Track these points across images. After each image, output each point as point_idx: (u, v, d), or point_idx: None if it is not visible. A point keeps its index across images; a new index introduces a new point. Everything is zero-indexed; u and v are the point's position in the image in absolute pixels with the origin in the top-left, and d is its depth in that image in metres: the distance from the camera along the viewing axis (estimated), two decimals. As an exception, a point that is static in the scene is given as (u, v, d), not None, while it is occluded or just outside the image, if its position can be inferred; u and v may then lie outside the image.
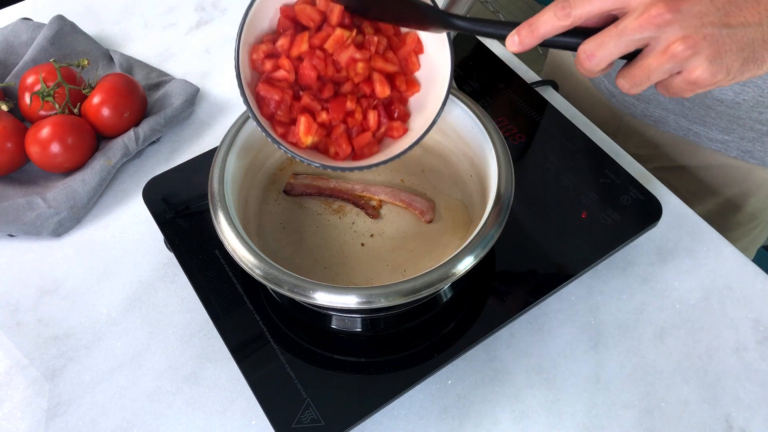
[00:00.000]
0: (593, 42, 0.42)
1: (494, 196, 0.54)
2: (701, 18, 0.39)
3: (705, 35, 0.39)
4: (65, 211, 0.68)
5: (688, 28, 0.39)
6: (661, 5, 0.39)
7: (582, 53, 0.42)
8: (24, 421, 0.57)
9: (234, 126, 0.58)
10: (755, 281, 0.64)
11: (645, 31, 0.40)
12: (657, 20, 0.39)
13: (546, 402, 0.57)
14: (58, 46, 0.83)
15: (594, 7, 0.41)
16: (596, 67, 0.42)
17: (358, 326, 0.58)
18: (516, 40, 0.44)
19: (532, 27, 0.43)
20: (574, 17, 0.42)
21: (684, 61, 0.40)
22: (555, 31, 0.43)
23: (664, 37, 0.40)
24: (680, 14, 0.39)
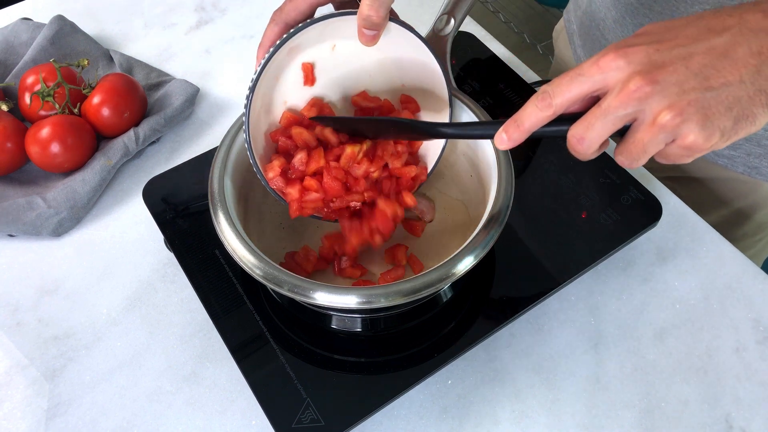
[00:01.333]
0: (580, 126, 0.42)
1: (494, 197, 0.54)
2: (681, 85, 0.39)
3: (689, 101, 0.39)
4: (65, 211, 0.68)
5: (670, 96, 0.39)
6: (639, 79, 0.39)
7: (572, 138, 0.42)
8: (24, 421, 0.57)
9: (234, 126, 0.58)
10: (755, 281, 0.64)
11: (628, 106, 0.40)
12: (637, 94, 0.39)
13: (546, 402, 0.57)
14: (58, 46, 0.83)
15: (573, 94, 0.41)
16: (589, 149, 0.42)
17: (358, 326, 0.58)
18: (504, 138, 0.45)
19: (518, 122, 0.44)
20: (556, 106, 0.42)
21: (675, 129, 0.39)
22: (540, 123, 0.43)
23: (649, 110, 0.39)
24: (659, 85, 0.39)
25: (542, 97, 0.42)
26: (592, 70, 0.41)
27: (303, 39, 0.52)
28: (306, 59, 0.55)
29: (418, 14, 0.90)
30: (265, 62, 0.51)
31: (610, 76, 0.40)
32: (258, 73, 0.51)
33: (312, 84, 0.57)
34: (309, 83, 0.57)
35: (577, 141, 0.42)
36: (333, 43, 0.55)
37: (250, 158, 0.53)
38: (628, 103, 0.40)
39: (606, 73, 0.40)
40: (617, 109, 0.40)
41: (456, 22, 0.64)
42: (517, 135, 0.44)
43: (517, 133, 0.44)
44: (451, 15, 0.64)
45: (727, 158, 0.74)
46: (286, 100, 0.57)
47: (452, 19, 0.64)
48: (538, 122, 0.43)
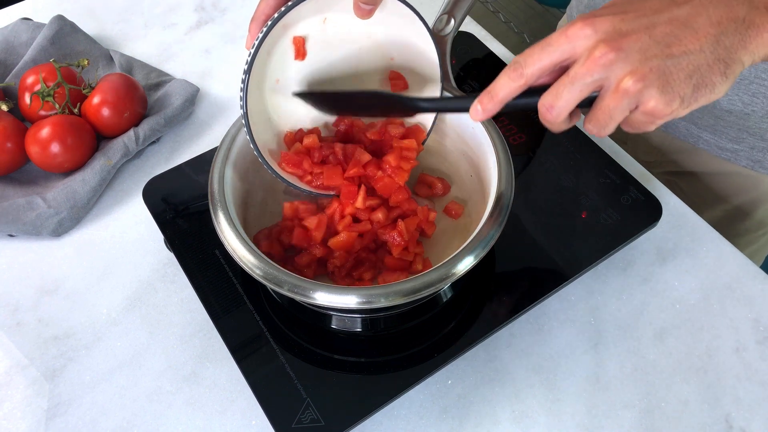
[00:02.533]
0: (549, 94, 0.43)
1: (494, 196, 0.54)
2: (644, 52, 0.40)
3: (651, 67, 0.40)
4: (65, 211, 0.68)
5: (633, 62, 0.40)
6: (603, 46, 0.40)
7: (542, 107, 0.44)
8: (24, 421, 0.57)
9: (234, 126, 0.58)
10: (755, 281, 0.64)
11: (594, 73, 0.41)
12: (602, 60, 0.40)
13: (546, 402, 0.57)
14: (58, 46, 0.83)
15: (543, 63, 0.43)
16: (557, 117, 0.43)
17: (358, 326, 0.58)
18: (479, 109, 0.46)
19: (491, 93, 0.45)
20: (527, 76, 0.43)
21: (637, 95, 0.41)
22: (513, 93, 0.44)
23: (613, 76, 0.41)
24: (623, 52, 0.40)
25: (514, 67, 0.44)
26: (560, 40, 0.42)
27: (296, 12, 0.51)
28: (297, 33, 0.55)
29: (418, 14, 0.90)
30: (262, 38, 0.50)
31: (578, 45, 0.42)
32: (255, 50, 0.51)
33: (303, 58, 0.57)
34: (300, 57, 0.57)
35: (546, 109, 0.43)
36: (324, 17, 0.55)
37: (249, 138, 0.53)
38: (593, 70, 0.41)
39: (574, 42, 0.42)
40: (584, 76, 0.41)
41: (456, 22, 0.64)
42: (491, 106, 0.46)
43: (491, 104, 0.45)
44: (451, 15, 0.64)
45: (731, 152, 0.74)
46: (278, 78, 0.57)
47: (452, 19, 0.64)
48: (511, 93, 0.44)
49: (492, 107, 0.46)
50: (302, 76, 0.58)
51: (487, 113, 0.46)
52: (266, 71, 0.56)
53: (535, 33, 2.11)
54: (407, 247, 0.56)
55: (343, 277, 0.56)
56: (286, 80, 0.58)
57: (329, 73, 0.59)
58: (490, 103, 0.46)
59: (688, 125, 0.76)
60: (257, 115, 0.56)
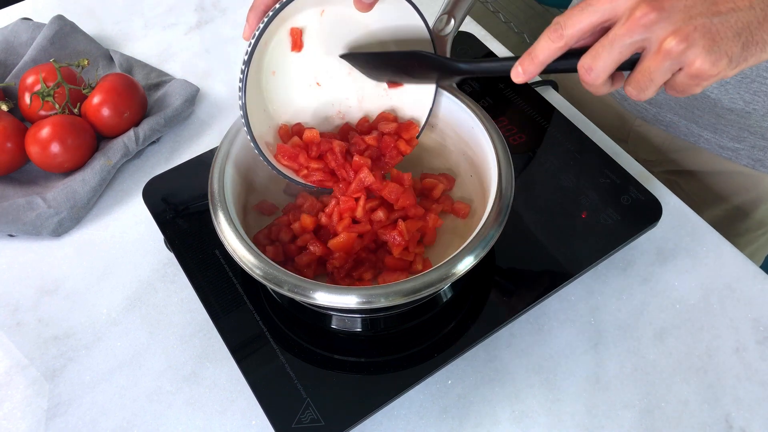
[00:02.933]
0: (588, 56, 0.42)
1: (494, 196, 0.54)
2: (688, 11, 0.39)
3: (695, 26, 0.39)
4: (65, 211, 0.68)
5: (676, 23, 0.39)
6: (645, 6, 0.39)
7: (581, 68, 0.43)
8: (24, 421, 0.57)
9: (234, 126, 0.58)
10: (755, 281, 0.64)
11: (634, 34, 0.40)
12: (643, 21, 0.39)
13: (546, 402, 0.57)
14: (58, 46, 0.83)
15: (583, 24, 0.42)
16: (597, 79, 0.43)
17: (358, 326, 0.58)
18: (520, 71, 0.46)
19: (532, 55, 0.45)
20: (567, 37, 0.43)
21: (680, 56, 0.39)
22: (553, 55, 0.44)
23: (655, 37, 0.40)
24: (665, 12, 0.39)
25: (554, 29, 0.43)
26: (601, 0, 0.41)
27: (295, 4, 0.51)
28: (295, 24, 0.55)
29: (418, 14, 0.90)
30: (263, 28, 0.50)
31: (619, 5, 0.40)
32: (255, 41, 0.50)
33: (299, 50, 0.57)
34: (297, 48, 0.57)
35: (585, 71, 0.43)
36: (322, 9, 0.55)
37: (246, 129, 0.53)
38: (634, 31, 0.40)
39: (614, 2, 0.40)
40: (623, 37, 0.40)
41: (456, 22, 0.64)
42: (532, 68, 0.45)
43: (532, 66, 0.45)
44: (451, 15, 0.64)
45: (732, 151, 0.74)
46: (274, 71, 0.57)
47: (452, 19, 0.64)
48: (551, 54, 0.44)
49: (533, 69, 0.45)
50: (298, 69, 0.58)
51: (528, 75, 0.46)
52: (263, 63, 0.56)
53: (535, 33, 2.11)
54: (408, 247, 0.56)
55: (342, 277, 0.56)
56: (283, 72, 0.58)
57: (325, 66, 0.59)
58: (531, 65, 0.45)
59: (689, 124, 0.76)
60: (254, 107, 0.56)
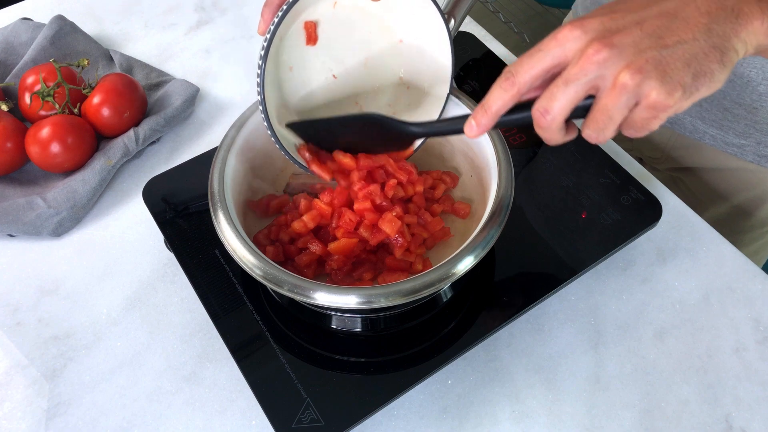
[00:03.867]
0: (544, 98, 0.42)
1: (494, 196, 0.54)
2: (637, 46, 0.40)
3: (647, 59, 0.39)
4: (65, 211, 0.68)
5: (628, 57, 0.39)
6: (596, 44, 0.40)
7: (536, 113, 0.43)
8: (24, 421, 0.57)
9: (234, 126, 0.58)
10: (755, 281, 0.64)
11: (588, 72, 0.40)
12: (595, 58, 0.40)
13: (546, 402, 0.57)
14: (58, 46, 0.83)
15: (535, 70, 0.42)
16: (553, 122, 0.42)
17: (358, 326, 0.58)
18: (473, 124, 0.45)
19: (485, 107, 0.44)
20: (519, 84, 0.43)
21: (636, 89, 0.40)
22: (506, 104, 0.44)
23: (609, 73, 0.40)
24: (616, 47, 0.40)
25: (506, 77, 0.43)
26: (550, 45, 0.42)
27: None
28: (309, 18, 0.55)
29: (418, 14, 0.90)
30: (278, 22, 0.50)
31: (569, 47, 0.41)
32: (271, 35, 0.50)
33: (314, 43, 0.56)
34: (311, 42, 0.56)
35: (541, 114, 0.42)
36: (335, 1, 0.55)
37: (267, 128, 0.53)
38: (587, 68, 0.40)
39: (564, 44, 0.41)
40: (577, 76, 0.40)
41: (456, 22, 0.64)
42: (485, 120, 0.45)
43: (485, 118, 0.45)
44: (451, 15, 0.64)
45: (737, 147, 0.74)
46: (291, 66, 0.56)
47: (452, 19, 0.64)
48: (504, 104, 0.44)
49: (486, 121, 0.45)
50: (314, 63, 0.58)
51: (481, 128, 0.45)
52: (280, 59, 0.55)
53: (535, 33, 2.11)
54: (409, 248, 0.56)
55: (342, 278, 0.56)
56: (300, 67, 0.57)
57: (340, 58, 0.59)
58: (484, 117, 0.45)
59: (694, 121, 0.76)
60: (272, 103, 0.55)
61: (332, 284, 0.53)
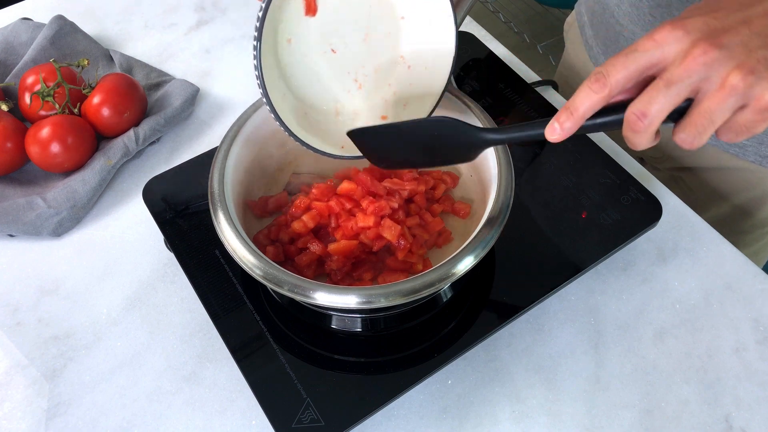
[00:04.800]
0: (641, 101, 0.39)
1: (494, 196, 0.54)
2: (747, 45, 0.37)
3: (758, 59, 0.37)
4: (65, 211, 0.68)
5: (738, 57, 0.37)
6: (703, 44, 0.37)
7: (631, 116, 0.40)
8: (24, 421, 0.57)
9: (234, 126, 0.58)
10: (755, 281, 0.64)
11: (693, 73, 0.38)
12: (703, 59, 0.37)
13: (546, 402, 0.57)
14: (58, 46, 0.83)
15: (629, 71, 0.39)
16: (649, 126, 0.39)
17: (358, 326, 0.58)
18: (556, 127, 0.42)
19: (570, 109, 0.41)
20: (611, 86, 0.40)
21: (747, 91, 0.37)
22: (595, 106, 0.41)
23: (716, 75, 0.38)
24: (725, 48, 0.37)
25: (596, 78, 0.40)
26: (648, 45, 0.39)
27: None
28: None
29: (418, 14, 0.90)
30: None
31: (669, 49, 0.39)
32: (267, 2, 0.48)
33: (314, 14, 0.54)
34: (311, 13, 0.54)
35: (637, 117, 0.39)
36: None
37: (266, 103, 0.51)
38: (694, 70, 0.38)
39: (663, 45, 0.39)
40: (681, 78, 0.38)
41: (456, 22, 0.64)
42: (570, 123, 0.41)
43: (570, 121, 0.41)
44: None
45: (739, 147, 0.74)
46: (290, 38, 0.54)
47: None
48: (593, 105, 0.41)
49: (571, 125, 0.41)
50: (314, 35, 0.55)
51: (566, 131, 0.42)
52: (277, 30, 0.53)
53: (535, 33, 2.11)
54: (411, 250, 0.56)
55: (341, 278, 0.56)
56: (298, 39, 0.55)
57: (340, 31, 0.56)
58: (568, 120, 0.41)
59: None
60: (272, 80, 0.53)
61: (332, 284, 0.53)
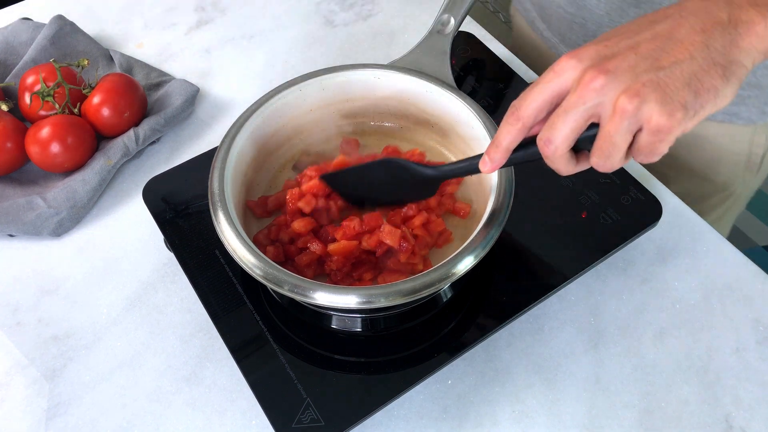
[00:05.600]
0: (545, 128, 0.43)
1: (494, 196, 0.54)
2: (633, 70, 0.40)
3: (643, 82, 0.39)
4: (65, 211, 0.68)
5: (625, 81, 0.39)
6: (592, 70, 0.40)
7: (539, 142, 0.43)
8: (24, 421, 0.57)
9: (234, 125, 0.58)
10: (755, 281, 0.64)
11: (586, 99, 0.40)
12: (592, 85, 0.40)
13: (546, 402, 0.57)
14: (58, 46, 0.83)
15: (537, 102, 0.43)
16: (556, 151, 0.43)
17: (358, 326, 0.58)
18: (487, 160, 0.47)
19: (495, 143, 0.46)
20: (524, 118, 0.44)
21: (636, 113, 0.39)
22: (515, 139, 0.45)
23: (607, 99, 0.40)
24: (612, 73, 0.40)
25: (510, 112, 0.44)
26: (549, 76, 0.43)
27: None
28: None
29: (418, 14, 0.90)
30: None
31: (566, 77, 0.42)
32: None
33: None
34: None
35: (544, 143, 0.43)
36: None
37: None
38: (585, 96, 0.40)
39: (561, 75, 0.42)
40: (576, 104, 0.41)
41: (456, 21, 0.64)
42: (498, 155, 0.46)
43: (497, 153, 0.46)
44: (451, 14, 0.64)
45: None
46: None
47: (452, 19, 0.64)
48: (513, 138, 0.45)
49: (499, 157, 0.46)
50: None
51: (495, 163, 0.46)
52: None
53: (535, 33, 2.11)
54: (414, 251, 0.56)
55: (341, 279, 0.56)
56: None
57: None
58: (496, 152, 0.46)
59: None
60: None
61: (332, 284, 0.53)
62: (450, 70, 0.64)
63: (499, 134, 0.45)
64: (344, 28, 0.90)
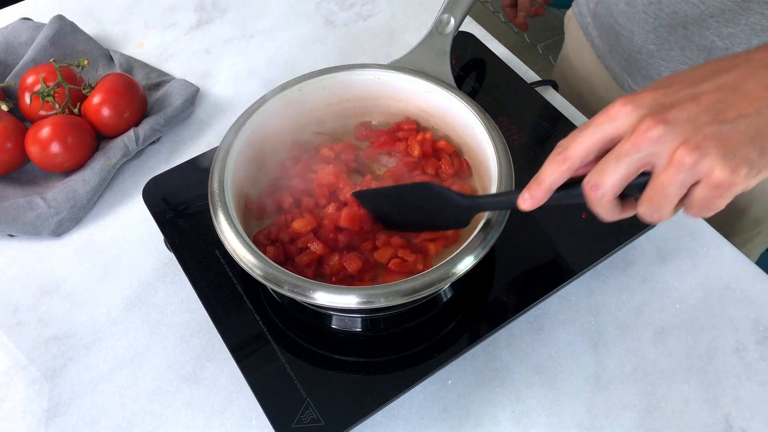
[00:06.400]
0: (594, 172, 0.41)
1: (494, 196, 0.53)
2: (693, 122, 0.38)
3: (705, 135, 0.37)
4: (65, 211, 0.68)
5: (684, 133, 0.37)
6: (649, 119, 0.38)
7: (586, 186, 0.41)
8: (24, 421, 0.57)
9: (234, 125, 0.58)
10: (755, 281, 0.64)
11: (641, 149, 0.38)
12: (648, 134, 0.38)
13: (546, 402, 0.57)
14: (58, 46, 0.83)
15: (586, 144, 0.41)
16: (603, 197, 0.41)
17: (358, 326, 0.58)
18: (527, 197, 0.44)
19: (538, 180, 0.44)
20: (571, 159, 0.42)
21: (695, 167, 0.37)
22: (559, 178, 0.43)
23: (663, 151, 0.38)
24: (671, 124, 0.38)
25: (558, 151, 0.42)
26: (601, 119, 0.41)
27: None
28: None
29: (418, 14, 0.90)
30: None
31: (620, 123, 0.40)
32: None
33: None
34: None
35: (590, 188, 0.41)
36: None
37: None
38: (640, 145, 0.38)
39: (615, 120, 0.40)
40: (629, 152, 0.39)
41: (456, 21, 0.64)
42: (540, 193, 0.44)
43: (539, 191, 0.44)
44: (451, 14, 0.64)
45: None
46: None
47: (452, 19, 0.64)
48: (557, 178, 0.43)
49: (541, 194, 0.44)
50: None
51: (535, 200, 0.44)
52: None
53: (534, 33, 2.11)
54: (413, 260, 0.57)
55: (341, 279, 0.56)
56: None
57: None
58: (538, 190, 0.44)
59: None
60: None
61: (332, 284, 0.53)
62: (450, 70, 0.64)
63: (543, 172, 0.43)
64: (344, 28, 0.90)
